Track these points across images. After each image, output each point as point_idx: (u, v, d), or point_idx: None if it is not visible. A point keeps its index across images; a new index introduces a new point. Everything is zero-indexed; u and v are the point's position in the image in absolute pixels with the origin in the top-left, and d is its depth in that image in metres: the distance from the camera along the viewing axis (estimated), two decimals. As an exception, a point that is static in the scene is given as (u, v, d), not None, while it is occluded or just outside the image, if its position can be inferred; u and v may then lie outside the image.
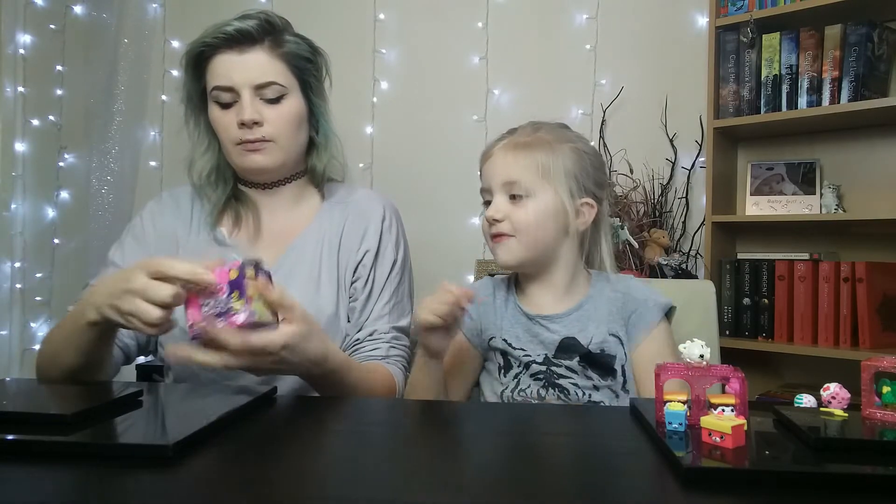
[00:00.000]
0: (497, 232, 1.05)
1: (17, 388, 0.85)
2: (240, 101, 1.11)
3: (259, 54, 1.12)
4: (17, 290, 2.58)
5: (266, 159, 1.15)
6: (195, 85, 1.16)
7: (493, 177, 1.06)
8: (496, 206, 1.05)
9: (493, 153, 1.08)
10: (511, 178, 1.04)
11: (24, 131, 2.59)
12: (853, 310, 1.83)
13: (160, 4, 2.69)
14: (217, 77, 1.12)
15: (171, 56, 2.67)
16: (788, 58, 1.94)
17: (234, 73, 1.11)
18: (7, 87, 2.55)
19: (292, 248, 1.18)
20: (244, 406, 0.76)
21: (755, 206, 2.08)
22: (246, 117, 1.10)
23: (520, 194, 1.04)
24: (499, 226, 1.05)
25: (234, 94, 1.11)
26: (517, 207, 1.04)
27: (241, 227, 1.20)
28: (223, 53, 1.12)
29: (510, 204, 1.05)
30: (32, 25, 2.60)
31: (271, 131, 1.13)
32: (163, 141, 2.70)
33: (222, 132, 1.14)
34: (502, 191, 1.05)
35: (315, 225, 1.21)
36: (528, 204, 1.04)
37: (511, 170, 1.05)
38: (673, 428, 0.66)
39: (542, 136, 1.08)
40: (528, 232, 1.04)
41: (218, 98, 1.13)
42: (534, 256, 1.07)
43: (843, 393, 0.72)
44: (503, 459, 0.64)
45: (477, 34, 2.43)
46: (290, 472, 0.59)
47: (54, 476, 0.56)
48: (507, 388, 1.06)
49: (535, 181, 1.04)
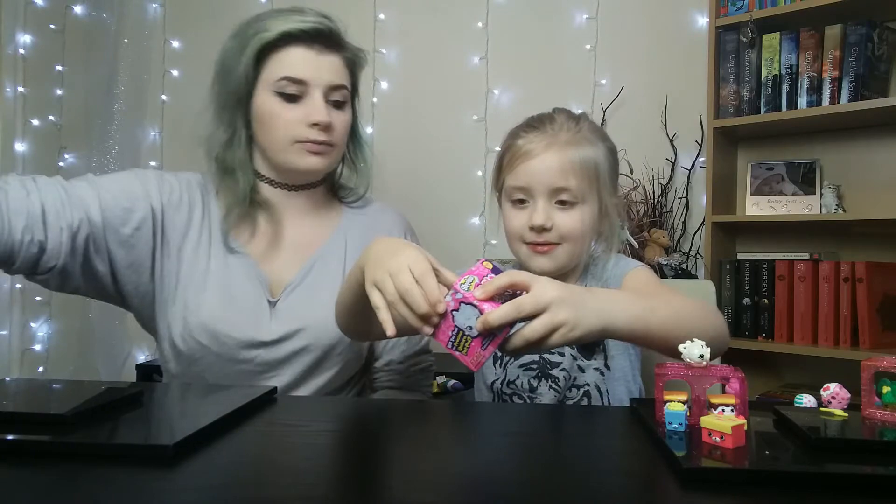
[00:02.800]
0: (545, 241, 0.98)
1: (17, 388, 0.85)
2: (308, 100, 1.08)
3: (334, 57, 1.11)
4: (17, 290, 2.58)
5: (324, 163, 1.11)
6: (251, 70, 1.08)
7: (537, 180, 0.98)
8: (546, 215, 0.97)
9: (534, 152, 0.98)
10: (561, 184, 0.97)
11: (24, 131, 2.59)
12: (853, 310, 1.82)
13: (160, 4, 2.69)
14: (289, 67, 1.07)
15: (171, 56, 2.67)
16: (788, 58, 1.94)
17: (310, 69, 1.08)
18: (7, 87, 2.54)
19: (315, 260, 1.13)
20: (244, 406, 0.76)
21: (755, 206, 2.08)
22: (322, 118, 1.07)
23: (570, 201, 0.98)
24: (547, 235, 0.98)
25: (303, 89, 1.08)
26: (565, 214, 0.98)
27: (258, 235, 1.13)
28: (299, 47, 1.08)
29: (556, 209, 0.98)
30: (32, 25, 2.60)
31: (335, 137, 1.11)
32: (163, 141, 2.70)
33: (281, 127, 1.08)
34: (549, 196, 0.98)
35: (338, 237, 1.17)
36: (578, 211, 0.98)
37: (561, 177, 0.97)
38: (673, 428, 0.66)
39: (586, 134, 1.01)
40: (577, 240, 0.99)
41: (283, 89, 1.07)
42: (574, 264, 1.03)
43: (843, 393, 0.72)
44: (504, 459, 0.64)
45: (477, 34, 2.43)
46: (290, 472, 0.59)
47: (54, 476, 0.56)
48: (498, 379, 1.04)
49: (585, 188, 0.98)
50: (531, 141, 1.00)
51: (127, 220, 1.04)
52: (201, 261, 1.09)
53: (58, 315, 2.63)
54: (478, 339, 0.73)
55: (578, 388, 1.01)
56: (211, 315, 1.05)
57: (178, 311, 1.06)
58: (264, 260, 1.12)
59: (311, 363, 1.08)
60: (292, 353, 1.07)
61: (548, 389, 1.01)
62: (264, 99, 1.08)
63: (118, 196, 1.05)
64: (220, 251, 1.10)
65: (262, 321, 1.07)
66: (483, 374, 1.07)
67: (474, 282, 0.74)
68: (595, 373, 1.01)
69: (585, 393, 1.01)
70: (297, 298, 1.09)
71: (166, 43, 2.67)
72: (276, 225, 1.14)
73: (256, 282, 1.09)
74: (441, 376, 2.00)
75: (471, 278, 0.75)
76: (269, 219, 1.13)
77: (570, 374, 1.01)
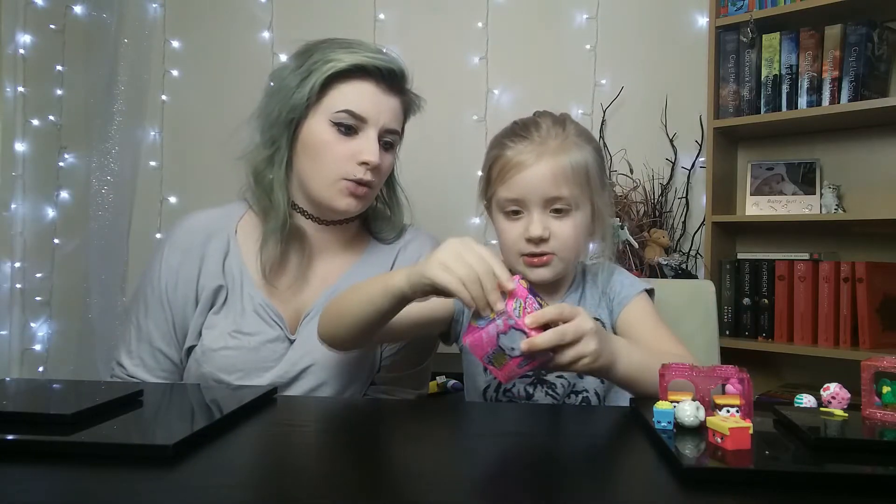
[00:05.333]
0: (542, 252, 0.98)
1: (17, 388, 0.85)
2: (363, 137, 1.07)
3: (396, 100, 1.11)
4: (17, 290, 2.58)
5: (359, 206, 1.11)
6: (315, 95, 1.07)
7: (530, 192, 0.97)
8: (542, 225, 0.97)
9: (526, 163, 0.97)
10: (555, 193, 0.97)
11: (24, 131, 2.59)
12: (853, 310, 1.82)
13: (160, 4, 2.68)
14: (353, 101, 1.06)
15: (171, 56, 2.67)
16: (788, 58, 1.94)
17: (372, 107, 1.07)
18: (7, 87, 2.54)
19: (339, 285, 1.11)
20: (244, 406, 0.76)
21: (755, 206, 2.08)
22: (374, 159, 1.06)
23: (565, 208, 0.98)
24: (545, 245, 0.97)
25: (360, 125, 1.07)
26: (561, 223, 0.98)
27: (288, 269, 1.12)
28: (368, 82, 1.07)
29: (551, 218, 0.98)
30: (32, 25, 2.60)
31: (378, 180, 1.11)
32: (163, 141, 2.70)
33: (330, 159, 1.06)
34: (543, 206, 0.97)
35: (362, 262, 1.17)
36: (572, 218, 0.98)
37: (554, 186, 0.96)
38: (661, 427, 0.66)
39: (574, 139, 1.00)
40: (571, 247, 1.00)
41: (342, 121, 1.06)
42: (570, 270, 1.04)
43: (843, 393, 0.72)
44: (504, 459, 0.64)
45: (477, 34, 2.43)
46: (290, 471, 0.59)
47: (54, 476, 0.56)
48: (491, 386, 1.03)
49: (578, 194, 0.98)
50: (521, 152, 0.98)
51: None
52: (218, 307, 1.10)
53: (58, 315, 2.63)
54: (516, 359, 0.78)
55: (577, 393, 1.01)
56: (224, 364, 1.07)
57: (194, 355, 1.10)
58: (290, 292, 1.12)
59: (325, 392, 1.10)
60: (308, 390, 1.08)
61: (544, 396, 1.00)
62: (319, 127, 1.07)
63: (160, 324, 1.11)
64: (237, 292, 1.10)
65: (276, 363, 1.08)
66: (474, 379, 1.06)
67: (521, 306, 0.79)
68: (594, 379, 1.00)
69: (585, 399, 1.00)
70: (312, 330, 1.06)
71: (166, 43, 2.67)
72: (306, 257, 1.13)
73: (273, 322, 1.09)
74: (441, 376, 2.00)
75: (519, 302, 0.79)
76: (299, 249, 1.13)
77: (569, 381, 1.00)
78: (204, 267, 1.11)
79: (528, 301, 0.80)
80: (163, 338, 1.11)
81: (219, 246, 1.13)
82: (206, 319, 1.10)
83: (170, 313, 1.11)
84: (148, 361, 1.11)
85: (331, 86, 1.07)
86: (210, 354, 1.07)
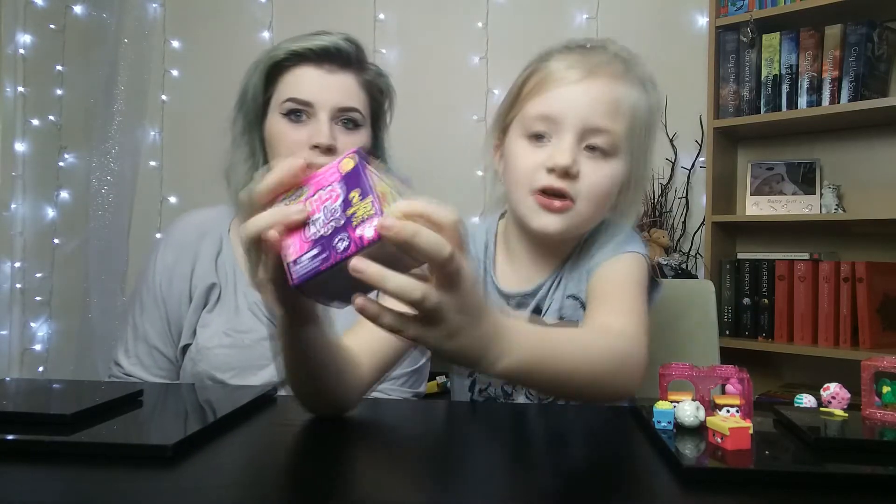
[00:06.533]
0: (560, 190, 0.77)
1: (17, 388, 0.85)
2: (314, 121, 1.04)
3: (347, 77, 1.07)
4: (17, 290, 2.58)
5: None
6: (262, 91, 1.07)
7: (570, 110, 0.77)
8: (573, 156, 0.75)
9: (571, 78, 0.77)
10: (601, 123, 0.77)
11: (24, 131, 2.59)
12: (853, 310, 1.82)
13: (160, 4, 2.68)
14: (296, 89, 1.05)
15: (171, 56, 2.67)
16: (788, 58, 1.94)
17: (317, 90, 1.04)
18: (7, 87, 2.54)
19: None
20: (244, 406, 0.76)
21: (755, 206, 2.08)
22: (323, 141, 1.02)
23: (604, 149, 0.78)
24: (568, 185, 0.76)
25: (310, 111, 1.04)
26: (595, 165, 0.78)
27: None
28: (308, 67, 1.05)
29: (584, 157, 0.77)
30: (32, 25, 2.60)
31: None
32: (163, 141, 2.70)
33: (285, 149, 1.04)
34: (579, 137, 0.77)
35: None
36: (610, 165, 0.78)
37: (603, 113, 0.76)
38: (661, 427, 0.65)
39: (639, 75, 0.82)
40: (598, 201, 0.79)
41: (289, 110, 1.04)
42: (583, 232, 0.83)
43: (843, 393, 0.72)
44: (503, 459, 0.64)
45: (477, 34, 2.43)
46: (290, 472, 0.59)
47: (54, 476, 0.56)
48: (467, 386, 0.94)
49: (624, 139, 0.78)
50: (570, 65, 0.78)
51: None
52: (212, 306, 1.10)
53: (58, 315, 2.63)
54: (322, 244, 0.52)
55: None
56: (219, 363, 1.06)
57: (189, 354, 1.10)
58: None
59: None
60: None
61: (524, 397, 0.92)
62: (274, 121, 1.06)
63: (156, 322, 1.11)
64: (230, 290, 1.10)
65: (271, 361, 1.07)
66: (461, 378, 0.98)
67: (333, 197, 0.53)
68: None
69: None
70: None
71: (166, 43, 2.67)
72: None
73: (268, 320, 1.09)
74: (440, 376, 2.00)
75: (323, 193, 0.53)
76: None
77: None
78: (197, 264, 1.12)
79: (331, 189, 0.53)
80: (159, 336, 1.11)
81: (212, 244, 1.13)
82: (200, 318, 1.10)
83: (164, 311, 1.11)
84: (145, 360, 1.11)
85: (276, 80, 1.06)
86: (205, 353, 1.07)
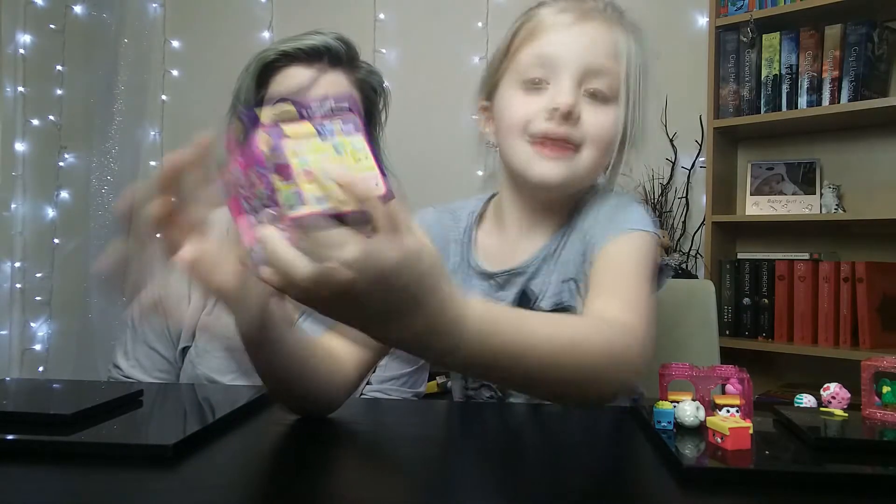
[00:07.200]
0: (564, 136, 0.73)
1: (17, 388, 0.85)
2: None
3: (338, 76, 1.07)
4: (17, 290, 2.58)
5: None
6: (254, 93, 1.08)
7: (569, 52, 0.73)
8: (574, 98, 0.72)
9: (564, 23, 0.74)
10: (599, 64, 0.73)
11: (24, 131, 2.59)
12: (853, 310, 1.82)
13: (160, 4, 2.68)
14: (284, 88, 1.05)
15: (171, 56, 2.67)
16: (788, 58, 1.94)
17: None
18: (7, 87, 2.54)
19: None
20: (244, 406, 0.76)
21: (755, 206, 2.08)
22: None
23: (605, 94, 0.75)
24: (570, 129, 0.72)
25: None
26: (597, 110, 0.75)
27: None
28: (299, 67, 1.05)
29: (584, 102, 0.74)
30: (32, 25, 2.60)
31: None
32: (163, 141, 2.70)
33: None
34: (578, 80, 0.73)
35: None
36: (611, 110, 0.76)
37: (602, 54, 0.73)
38: (661, 427, 0.65)
39: (630, 26, 0.79)
40: (601, 146, 0.76)
41: None
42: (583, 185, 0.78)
43: (843, 393, 0.72)
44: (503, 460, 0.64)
45: (477, 34, 2.43)
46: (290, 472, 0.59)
47: (54, 476, 0.56)
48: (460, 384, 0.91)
49: (620, 86, 0.75)
50: (563, 10, 0.75)
51: None
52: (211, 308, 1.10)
53: (58, 315, 2.63)
54: None
55: None
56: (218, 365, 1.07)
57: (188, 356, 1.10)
58: None
59: None
60: None
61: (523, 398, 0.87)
62: None
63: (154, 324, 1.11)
64: None
65: None
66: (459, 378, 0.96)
67: None
68: None
69: None
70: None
71: (166, 43, 2.67)
72: None
73: None
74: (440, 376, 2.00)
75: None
76: None
77: None
78: None
79: None
80: (158, 338, 1.11)
81: None
82: (200, 320, 1.10)
83: None
84: (144, 362, 1.11)
85: (267, 81, 1.07)
86: (204, 356, 1.07)
